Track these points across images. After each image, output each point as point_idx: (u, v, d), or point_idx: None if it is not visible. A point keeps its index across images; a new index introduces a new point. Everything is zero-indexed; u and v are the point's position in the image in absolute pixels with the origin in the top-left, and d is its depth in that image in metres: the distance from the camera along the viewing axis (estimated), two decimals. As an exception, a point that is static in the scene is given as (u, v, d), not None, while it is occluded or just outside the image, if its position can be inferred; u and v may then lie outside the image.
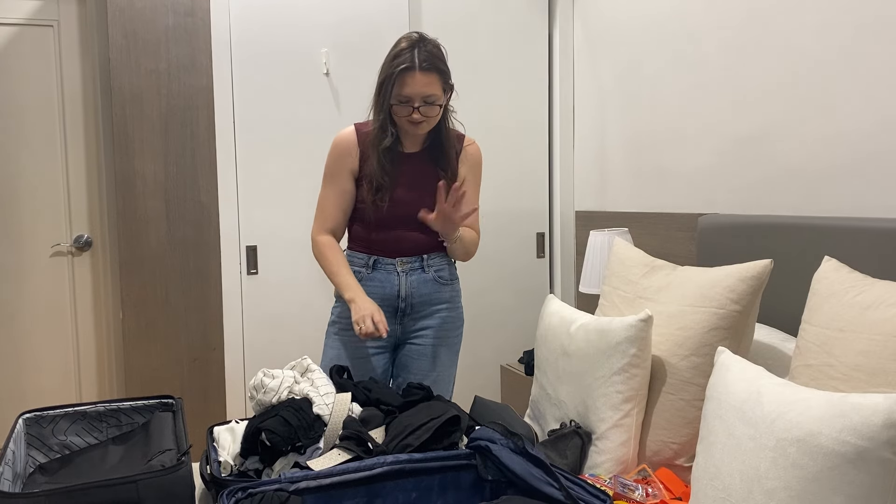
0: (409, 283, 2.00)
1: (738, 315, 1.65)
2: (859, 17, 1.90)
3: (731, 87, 2.32)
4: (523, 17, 3.13)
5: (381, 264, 2.00)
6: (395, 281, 1.99)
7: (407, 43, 1.88)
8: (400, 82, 1.86)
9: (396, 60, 1.87)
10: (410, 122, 1.90)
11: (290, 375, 1.64)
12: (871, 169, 1.89)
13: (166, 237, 2.96)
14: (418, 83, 1.86)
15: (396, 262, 1.99)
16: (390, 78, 1.87)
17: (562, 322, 1.89)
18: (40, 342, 3.27)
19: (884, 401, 1.09)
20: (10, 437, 1.51)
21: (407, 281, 2.00)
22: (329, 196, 2.01)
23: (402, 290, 2.00)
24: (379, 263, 2.00)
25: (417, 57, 1.85)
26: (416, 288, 2.01)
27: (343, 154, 1.99)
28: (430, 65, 1.87)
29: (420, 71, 1.85)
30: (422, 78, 1.86)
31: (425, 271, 2.01)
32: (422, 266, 2.01)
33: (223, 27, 2.70)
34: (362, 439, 1.46)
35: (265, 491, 1.23)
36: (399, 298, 2.00)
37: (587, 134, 3.10)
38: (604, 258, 2.57)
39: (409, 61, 1.85)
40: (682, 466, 1.67)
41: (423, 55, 1.86)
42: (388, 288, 1.99)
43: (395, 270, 1.99)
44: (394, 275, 1.99)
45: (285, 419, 1.48)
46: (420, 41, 1.88)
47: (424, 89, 1.87)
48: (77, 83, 3.22)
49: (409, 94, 1.86)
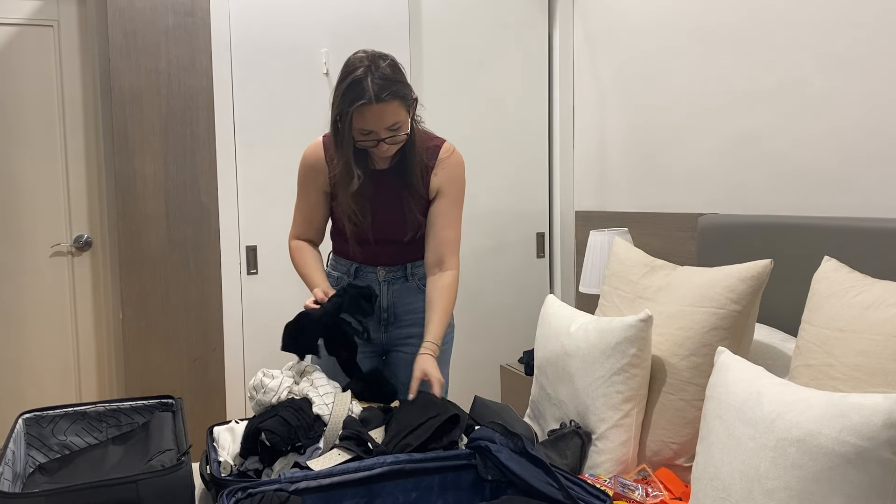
0: (392, 292, 1.92)
1: (738, 315, 1.65)
2: (859, 16, 1.90)
3: (731, 87, 2.32)
4: (523, 16, 3.13)
5: (363, 272, 1.92)
6: (376, 290, 1.89)
7: (359, 70, 1.66)
8: (358, 118, 1.67)
9: (350, 95, 1.66)
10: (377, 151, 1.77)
11: (289, 375, 1.65)
12: (871, 169, 1.89)
13: (166, 237, 2.96)
14: (379, 116, 1.67)
15: (378, 271, 1.91)
16: (345, 115, 1.68)
17: (562, 322, 1.89)
18: (40, 342, 3.26)
19: (884, 401, 1.09)
20: (10, 437, 1.51)
21: (389, 290, 1.92)
22: (300, 207, 1.93)
23: (384, 299, 1.92)
24: (361, 271, 1.92)
25: (372, 87, 1.64)
26: (399, 297, 1.93)
27: (310, 173, 1.88)
28: (388, 93, 1.66)
29: (378, 103, 1.65)
30: (381, 109, 1.66)
31: (409, 280, 1.93)
32: (405, 275, 1.93)
33: (223, 27, 2.70)
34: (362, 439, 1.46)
35: (265, 491, 1.23)
36: (381, 309, 1.93)
37: (587, 134, 3.10)
38: (604, 258, 2.57)
39: (364, 95, 1.64)
40: (682, 466, 1.67)
41: (378, 83, 1.65)
42: None
43: (376, 280, 1.91)
44: (375, 285, 1.91)
45: (285, 419, 1.48)
46: (371, 65, 1.67)
47: (387, 120, 1.68)
48: (77, 83, 3.22)
49: (371, 129, 1.70)
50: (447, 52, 3.00)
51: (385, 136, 1.71)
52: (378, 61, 1.68)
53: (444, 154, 1.88)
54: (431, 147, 1.88)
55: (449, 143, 1.91)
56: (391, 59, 1.73)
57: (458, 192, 1.90)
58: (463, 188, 1.91)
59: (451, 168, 1.88)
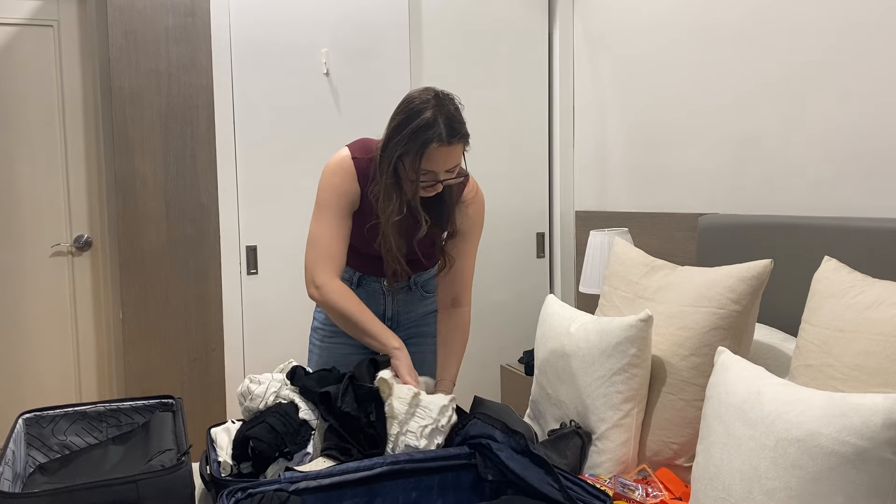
0: (396, 302, 1.91)
1: (738, 315, 1.65)
2: (859, 16, 1.90)
3: (731, 87, 2.32)
4: (523, 16, 3.13)
5: (367, 281, 1.89)
6: (380, 301, 1.89)
7: (429, 110, 1.62)
8: (428, 159, 1.62)
9: (425, 135, 1.60)
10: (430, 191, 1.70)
11: (279, 378, 1.63)
12: (871, 169, 1.89)
13: (166, 237, 2.96)
14: (446, 158, 1.64)
15: (382, 281, 1.87)
16: (416, 154, 1.62)
17: (562, 322, 1.89)
18: (40, 342, 3.27)
19: (884, 401, 1.09)
20: (10, 437, 1.51)
21: (394, 300, 1.91)
22: (331, 235, 1.75)
23: (388, 309, 1.91)
24: (364, 280, 1.89)
25: (445, 129, 1.60)
26: (403, 307, 1.92)
27: (341, 189, 1.76)
28: (458, 134, 1.63)
29: (448, 146, 1.62)
30: (450, 151, 1.63)
31: (412, 289, 1.92)
32: (409, 285, 1.91)
33: (223, 27, 2.70)
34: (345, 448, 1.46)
35: (265, 491, 1.23)
36: (385, 318, 1.91)
37: (587, 134, 3.10)
38: (604, 258, 2.57)
39: (439, 137, 1.60)
40: (682, 466, 1.66)
41: (451, 124, 1.62)
42: (374, 306, 1.85)
43: (380, 290, 1.89)
44: (379, 294, 1.89)
45: (271, 426, 1.47)
46: (440, 104, 1.63)
47: (451, 162, 1.65)
48: (77, 83, 3.22)
49: (435, 170, 1.65)
50: (447, 52, 3.00)
51: (444, 177, 1.67)
52: (444, 99, 1.65)
53: (469, 193, 1.84)
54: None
55: (472, 178, 1.85)
56: (455, 99, 1.69)
57: (480, 231, 1.89)
58: (482, 226, 1.90)
59: (479, 207, 1.87)
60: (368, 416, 1.48)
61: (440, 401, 1.51)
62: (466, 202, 1.84)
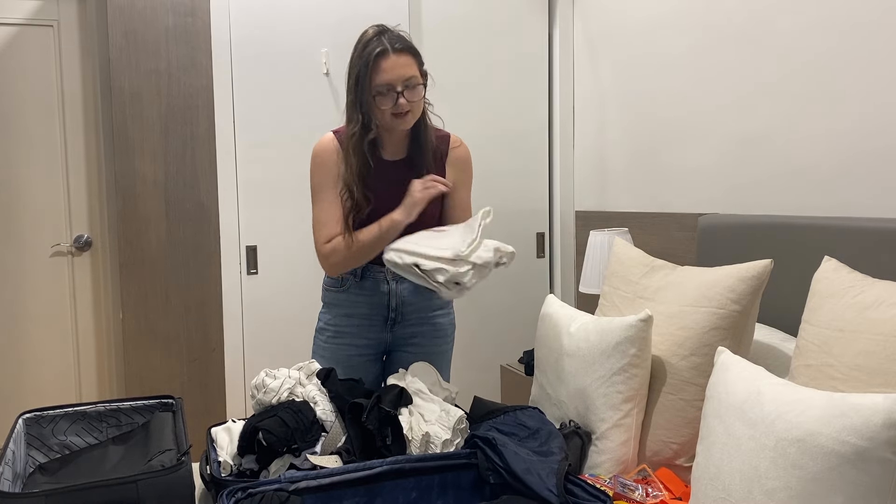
0: (400, 291, 1.92)
1: (738, 315, 1.65)
2: (859, 16, 1.90)
3: (732, 86, 2.32)
4: (523, 16, 3.12)
5: (371, 272, 1.91)
6: (384, 290, 1.91)
7: (372, 31, 1.82)
8: (376, 69, 1.77)
9: (367, 49, 1.79)
10: (396, 115, 1.81)
11: (294, 376, 1.64)
12: (871, 169, 1.89)
13: (166, 237, 2.96)
14: (396, 66, 1.77)
15: (387, 270, 1.87)
16: (366, 68, 1.78)
17: (562, 322, 1.89)
18: (40, 342, 3.27)
19: (884, 401, 1.09)
20: (10, 437, 1.51)
21: (398, 289, 1.92)
22: (325, 206, 1.88)
23: (393, 299, 1.93)
24: (368, 271, 1.91)
25: (388, 41, 1.78)
26: (407, 297, 1.93)
27: (329, 164, 1.89)
28: (402, 45, 1.80)
29: (394, 53, 1.78)
30: (398, 60, 1.78)
31: None
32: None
33: (223, 27, 2.70)
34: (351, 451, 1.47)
35: (265, 491, 1.23)
36: (389, 308, 1.93)
37: (587, 134, 3.10)
38: (604, 258, 2.57)
39: (383, 47, 1.77)
40: (682, 466, 1.66)
41: (393, 38, 1.80)
42: (378, 297, 1.91)
43: (384, 279, 1.91)
44: (383, 283, 1.91)
45: (283, 420, 1.48)
46: (384, 28, 1.82)
47: (403, 71, 1.78)
48: (77, 83, 3.22)
49: (389, 80, 1.77)
50: (447, 52, 3.00)
51: (401, 89, 1.78)
52: (389, 27, 1.83)
53: (454, 143, 1.97)
54: (441, 136, 1.96)
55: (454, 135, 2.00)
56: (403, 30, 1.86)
57: (470, 178, 2.01)
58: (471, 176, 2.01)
59: (464, 156, 1.99)
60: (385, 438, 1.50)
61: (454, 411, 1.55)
62: (452, 149, 1.96)
